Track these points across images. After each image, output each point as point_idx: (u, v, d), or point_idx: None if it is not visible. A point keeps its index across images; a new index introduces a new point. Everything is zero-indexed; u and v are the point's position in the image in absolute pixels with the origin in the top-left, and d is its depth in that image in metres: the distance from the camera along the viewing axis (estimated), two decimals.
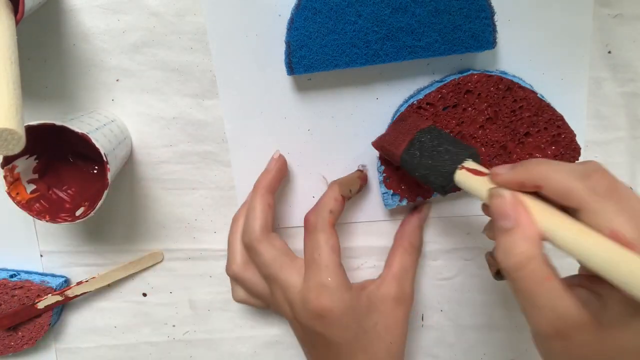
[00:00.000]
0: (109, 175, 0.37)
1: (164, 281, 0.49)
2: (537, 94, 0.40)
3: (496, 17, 0.38)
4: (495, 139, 0.41)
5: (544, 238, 0.29)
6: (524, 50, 0.41)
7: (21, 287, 0.46)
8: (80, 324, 0.50)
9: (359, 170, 0.44)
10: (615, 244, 0.27)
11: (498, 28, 0.38)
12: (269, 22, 0.40)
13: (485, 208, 0.36)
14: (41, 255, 0.48)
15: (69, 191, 0.42)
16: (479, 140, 0.41)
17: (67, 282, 0.48)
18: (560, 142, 0.41)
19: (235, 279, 0.44)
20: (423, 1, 0.37)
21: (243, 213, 0.43)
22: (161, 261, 0.48)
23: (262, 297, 0.43)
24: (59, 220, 0.39)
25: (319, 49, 0.38)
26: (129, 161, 0.45)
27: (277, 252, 0.41)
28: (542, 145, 0.41)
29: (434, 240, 0.47)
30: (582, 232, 0.28)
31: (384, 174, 0.42)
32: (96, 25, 0.41)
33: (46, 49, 0.41)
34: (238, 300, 0.45)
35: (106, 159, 0.37)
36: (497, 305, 0.49)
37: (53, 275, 0.48)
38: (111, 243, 0.48)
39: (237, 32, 0.41)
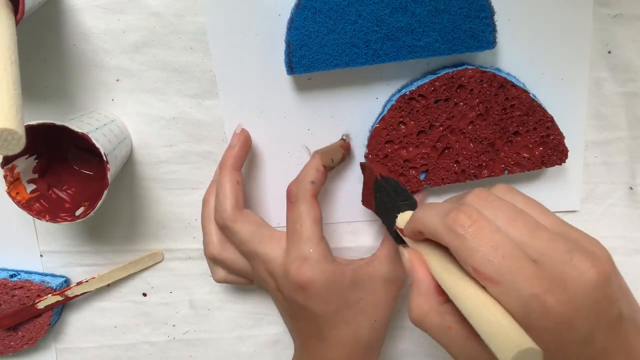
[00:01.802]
0: (109, 175, 0.37)
1: (164, 281, 0.49)
2: (529, 93, 0.40)
3: (496, 17, 0.38)
4: (484, 136, 0.41)
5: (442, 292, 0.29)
6: (524, 50, 0.41)
7: (21, 287, 0.46)
8: (80, 324, 0.50)
9: (342, 139, 0.43)
10: (480, 292, 0.26)
11: (498, 28, 0.38)
12: (269, 22, 0.40)
13: None
14: (41, 255, 0.48)
15: (68, 191, 0.42)
16: (467, 135, 0.41)
17: (67, 282, 0.48)
18: (549, 144, 0.41)
19: (214, 261, 0.44)
20: (423, 1, 0.37)
21: (212, 193, 0.43)
22: (161, 261, 0.48)
23: (244, 274, 0.43)
24: (59, 220, 0.39)
25: (319, 49, 0.38)
26: (129, 161, 0.45)
27: (254, 228, 0.41)
28: (530, 146, 0.41)
29: None
30: (457, 283, 0.27)
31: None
32: (96, 25, 0.41)
33: (46, 49, 0.41)
34: (219, 280, 0.45)
35: (106, 158, 0.37)
36: None
37: (53, 275, 0.48)
38: (111, 243, 0.48)
39: (237, 32, 0.41)
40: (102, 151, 0.36)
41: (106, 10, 0.40)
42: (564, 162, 0.42)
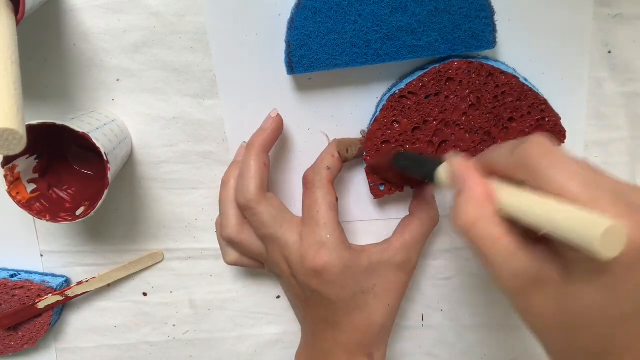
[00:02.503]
0: (110, 175, 0.37)
1: (164, 281, 0.49)
2: (519, 78, 0.40)
3: (496, 17, 0.38)
4: (479, 126, 0.41)
5: (502, 209, 0.29)
6: (524, 50, 0.41)
7: (21, 287, 0.46)
8: (80, 324, 0.50)
9: (361, 136, 0.43)
10: (556, 200, 0.26)
11: (498, 28, 0.38)
12: (269, 22, 0.40)
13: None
14: (41, 255, 0.48)
15: (69, 191, 0.42)
16: (462, 127, 0.41)
17: (67, 282, 0.48)
18: (545, 126, 0.41)
19: (230, 242, 0.43)
20: (423, 1, 0.37)
21: (234, 174, 0.42)
22: (161, 261, 0.48)
23: (257, 257, 0.43)
24: (59, 219, 0.39)
25: (319, 49, 0.38)
26: (129, 161, 0.45)
27: (276, 211, 0.40)
28: (527, 130, 0.41)
29: (435, 240, 0.47)
30: (538, 199, 0.27)
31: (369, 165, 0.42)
32: (96, 25, 0.41)
33: (46, 49, 0.41)
34: (230, 262, 0.44)
35: (107, 158, 0.37)
36: (497, 305, 0.49)
37: (53, 275, 0.48)
38: (111, 243, 0.48)
39: (237, 32, 0.41)
40: (102, 150, 0.36)
41: (106, 10, 0.40)
42: (563, 142, 0.42)
